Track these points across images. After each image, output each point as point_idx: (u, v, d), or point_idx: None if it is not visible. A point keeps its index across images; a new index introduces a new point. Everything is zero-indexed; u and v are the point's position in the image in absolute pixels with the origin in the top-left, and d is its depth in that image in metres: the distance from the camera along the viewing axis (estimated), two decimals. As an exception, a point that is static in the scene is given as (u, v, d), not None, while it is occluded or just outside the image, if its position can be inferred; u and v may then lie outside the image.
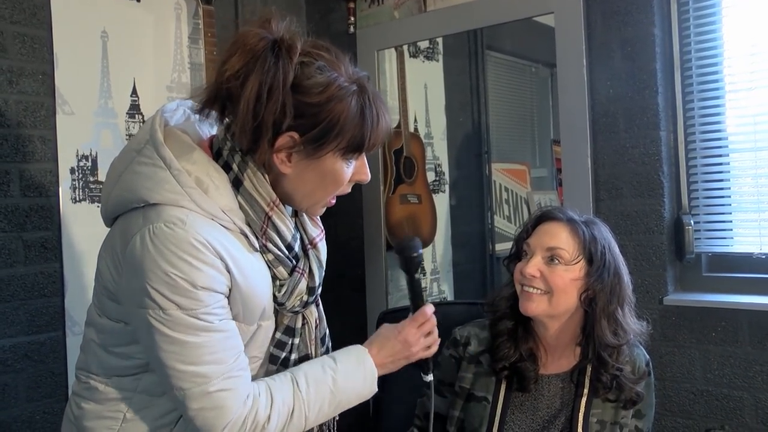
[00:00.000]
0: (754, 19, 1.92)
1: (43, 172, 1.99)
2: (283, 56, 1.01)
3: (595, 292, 1.33)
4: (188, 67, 2.37)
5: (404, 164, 2.70)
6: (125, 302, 1.06)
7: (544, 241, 1.36)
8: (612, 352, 1.33)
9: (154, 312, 1.00)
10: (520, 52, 2.92)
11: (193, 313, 1.00)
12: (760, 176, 1.94)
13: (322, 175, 1.09)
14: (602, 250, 1.34)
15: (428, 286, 2.88)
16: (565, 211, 1.41)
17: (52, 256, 2.00)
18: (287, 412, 1.09)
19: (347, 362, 1.17)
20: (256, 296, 1.08)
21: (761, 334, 1.83)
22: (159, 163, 1.04)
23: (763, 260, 1.91)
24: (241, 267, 1.05)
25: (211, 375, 1.02)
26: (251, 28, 1.04)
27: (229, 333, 1.05)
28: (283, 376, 1.13)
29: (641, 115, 2.00)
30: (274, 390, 1.10)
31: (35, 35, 1.98)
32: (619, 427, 1.36)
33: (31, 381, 1.94)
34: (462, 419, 1.43)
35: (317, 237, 1.20)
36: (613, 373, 1.33)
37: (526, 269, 1.34)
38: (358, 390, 1.17)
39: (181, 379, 1.02)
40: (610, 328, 1.33)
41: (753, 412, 1.85)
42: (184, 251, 0.98)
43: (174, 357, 1.01)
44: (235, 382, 1.04)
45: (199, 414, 1.03)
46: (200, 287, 1.00)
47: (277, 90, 1.00)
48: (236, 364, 1.05)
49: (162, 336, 1.01)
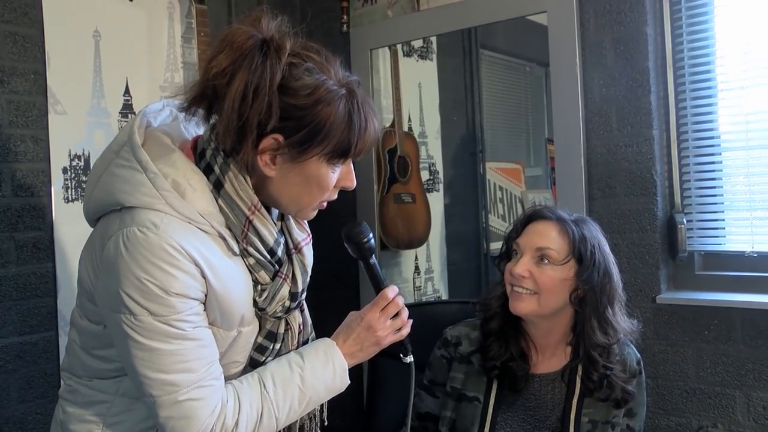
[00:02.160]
0: (747, 18, 1.92)
1: (35, 171, 1.98)
2: (271, 56, 1.00)
3: (585, 292, 1.33)
4: (181, 66, 2.36)
5: (398, 163, 2.70)
6: (101, 305, 1.05)
7: (533, 241, 1.35)
8: (602, 352, 1.33)
9: (126, 317, 0.99)
10: (514, 51, 2.92)
11: (165, 319, 0.99)
12: (752, 175, 1.94)
13: (307, 179, 1.07)
14: (592, 250, 1.34)
15: (423, 285, 2.88)
16: (556, 210, 1.40)
17: (45, 256, 1.99)
18: (256, 415, 1.08)
19: (315, 358, 1.15)
20: (233, 302, 1.07)
21: (753, 332, 1.84)
22: (135, 166, 1.03)
23: (754, 258, 1.91)
24: (217, 272, 1.03)
25: (181, 384, 1.01)
26: (240, 26, 1.02)
27: (203, 342, 1.04)
28: (250, 378, 1.11)
29: (634, 114, 2.01)
30: (242, 394, 1.08)
31: (27, 34, 1.98)
32: (610, 427, 1.36)
33: (23, 381, 1.94)
34: (454, 419, 1.42)
35: (303, 241, 1.19)
36: (603, 373, 1.33)
37: (515, 269, 1.34)
38: (328, 385, 1.15)
39: (151, 387, 1.01)
40: (600, 328, 1.33)
41: (745, 410, 1.85)
42: (156, 257, 0.97)
43: (144, 364, 1.00)
44: (205, 392, 1.03)
45: (168, 422, 1.02)
46: (173, 293, 0.98)
47: (263, 90, 0.99)
48: (207, 373, 1.03)
49: (133, 342, 0.99)
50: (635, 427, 1.40)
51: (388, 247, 2.65)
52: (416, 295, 2.84)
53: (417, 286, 2.86)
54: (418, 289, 2.86)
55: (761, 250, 1.90)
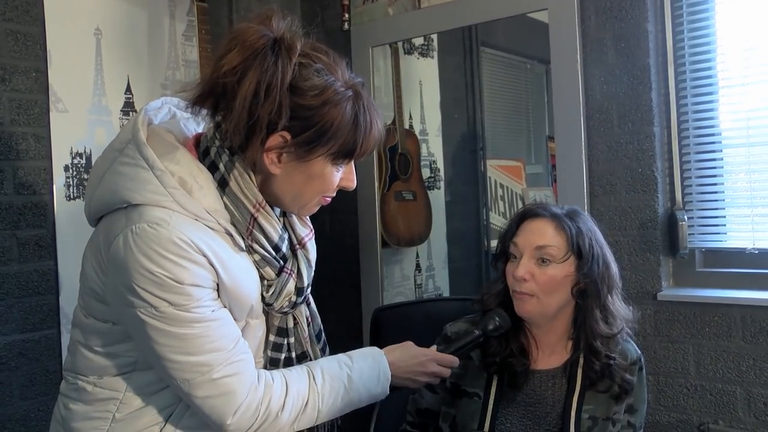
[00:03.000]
0: (748, 15, 1.92)
1: (37, 169, 1.99)
2: (282, 55, 1.01)
3: (586, 285, 1.34)
4: (182, 64, 2.37)
5: (399, 161, 2.70)
6: (112, 303, 1.05)
7: (531, 241, 1.35)
8: (604, 341, 1.34)
9: (145, 310, 1.00)
10: (515, 49, 2.92)
11: (185, 308, 1.00)
12: (753, 172, 1.94)
13: (311, 178, 1.09)
14: (590, 243, 1.34)
15: (424, 282, 2.88)
16: (547, 206, 1.41)
17: (47, 254, 2.00)
18: (302, 403, 1.10)
19: (363, 361, 1.19)
20: (243, 294, 1.08)
21: (754, 329, 1.84)
22: (141, 164, 1.03)
23: (755, 255, 1.92)
24: (226, 265, 1.04)
25: (213, 362, 1.02)
26: (251, 24, 1.03)
27: (225, 320, 1.06)
28: (299, 368, 1.14)
29: (635, 111, 2.01)
30: (290, 380, 1.10)
31: (28, 32, 1.98)
32: (611, 423, 1.36)
33: (25, 379, 1.94)
34: (454, 415, 1.43)
35: (306, 237, 1.20)
36: (605, 362, 1.34)
37: (517, 272, 1.33)
38: (370, 389, 1.18)
39: (184, 371, 1.02)
40: (603, 318, 1.34)
41: (745, 406, 1.86)
42: (167, 250, 0.98)
43: (173, 350, 1.01)
44: (239, 367, 1.05)
45: (206, 402, 1.03)
46: (187, 284, 1.00)
47: (275, 89, 1.00)
48: (237, 349, 1.05)
49: (157, 331, 1.00)
50: (636, 423, 1.41)
51: (389, 245, 2.65)
52: (417, 292, 2.85)
53: (418, 283, 2.86)
54: (419, 287, 2.86)
55: (762, 247, 1.91)
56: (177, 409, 1.10)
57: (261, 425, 1.07)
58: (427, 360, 1.27)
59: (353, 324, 2.56)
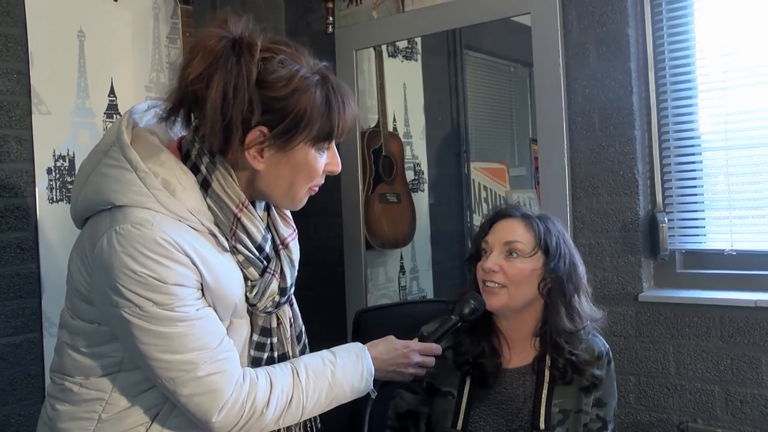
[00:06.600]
0: (726, 19, 1.95)
1: (19, 172, 1.97)
2: (244, 54, 1.03)
3: (553, 282, 1.39)
4: (166, 66, 2.36)
5: (383, 163, 2.71)
6: (98, 303, 1.06)
7: (501, 237, 1.41)
8: (568, 338, 1.39)
9: (130, 309, 1.01)
10: (498, 52, 2.94)
11: (169, 307, 1.01)
12: (731, 174, 1.97)
13: (296, 167, 1.10)
14: (557, 242, 1.41)
15: (408, 285, 2.89)
16: (519, 207, 1.48)
17: (29, 257, 1.98)
18: (286, 400, 1.11)
19: (346, 357, 1.21)
20: (227, 294, 1.09)
21: (732, 329, 1.87)
22: (125, 165, 1.04)
23: (734, 257, 1.95)
24: (209, 266, 1.06)
25: (198, 360, 1.03)
26: (209, 29, 1.05)
27: (210, 318, 1.07)
28: (283, 365, 1.16)
29: (617, 114, 2.03)
30: (275, 377, 1.12)
31: (9, 33, 1.96)
32: (582, 416, 1.39)
33: (6, 383, 1.92)
34: (428, 414, 1.46)
35: (289, 237, 1.21)
36: (567, 358, 1.38)
37: (486, 264, 1.40)
38: (354, 385, 1.20)
39: (169, 369, 1.03)
40: (568, 315, 1.39)
41: (723, 405, 1.89)
42: (150, 250, 0.99)
43: (158, 348, 1.02)
44: (224, 364, 1.06)
45: (192, 400, 1.04)
46: (171, 283, 1.01)
47: (242, 88, 1.01)
48: (221, 347, 1.06)
49: (142, 330, 1.01)
50: (605, 417, 1.44)
51: (374, 247, 2.66)
52: (402, 294, 2.86)
53: (402, 285, 2.87)
54: (404, 289, 2.87)
55: (740, 249, 1.94)
56: (163, 408, 1.11)
57: (246, 422, 1.08)
58: (409, 351, 1.30)
59: (338, 326, 2.56)
